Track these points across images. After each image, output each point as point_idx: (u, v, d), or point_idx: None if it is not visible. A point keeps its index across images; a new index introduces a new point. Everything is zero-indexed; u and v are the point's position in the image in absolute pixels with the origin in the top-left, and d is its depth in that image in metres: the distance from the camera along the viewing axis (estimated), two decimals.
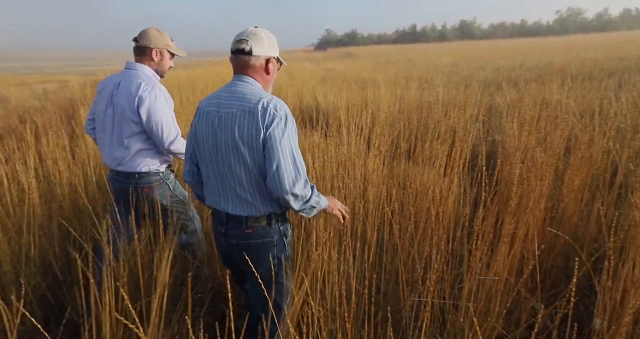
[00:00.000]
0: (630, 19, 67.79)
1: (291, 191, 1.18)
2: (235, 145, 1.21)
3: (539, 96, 5.18)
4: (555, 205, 2.11)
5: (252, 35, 1.26)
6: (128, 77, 1.72)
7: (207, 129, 1.27)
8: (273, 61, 1.32)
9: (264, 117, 1.18)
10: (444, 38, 66.09)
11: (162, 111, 1.68)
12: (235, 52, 1.27)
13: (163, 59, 1.79)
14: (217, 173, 1.28)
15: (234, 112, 1.22)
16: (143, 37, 1.74)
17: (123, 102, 1.68)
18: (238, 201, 1.27)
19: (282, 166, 1.17)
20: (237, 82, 1.28)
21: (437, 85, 7.28)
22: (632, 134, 3.00)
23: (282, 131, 1.18)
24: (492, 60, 14.06)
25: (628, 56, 9.65)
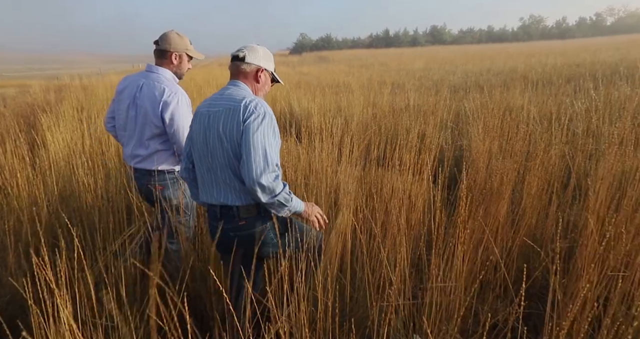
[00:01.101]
0: (585, 27, 72.30)
1: (257, 181, 1.25)
2: (220, 140, 1.33)
3: (504, 101, 5.42)
4: (516, 208, 2.22)
5: (249, 47, 1.45)
6: (151, 81, 1.81)
7: (200, 128, 1.40)
8: (265, 73, 1.48)
9: (244, 113, 1.30)
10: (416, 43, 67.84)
11: (183, 116, 1.78)
12: (232, 59, 1.45)
13: (182, 62, 1.89)
14: (210, 168, 1.39)
15: (220, 111, 1.35)
16: (164, 41, 1.83)
17: (147, 105, 1.78)
18: (229, 191, 1.37)
19: (252, 156, 1.26)
20: (230, 86, 1.44)
21: (409, 90, 7.46)
22: (585, 138, 3.20)
23: (257, 126, 1.29)
24: (462, 65, 14.57)
25: (583, 63, 10.26)
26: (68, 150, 3.28)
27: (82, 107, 6.08)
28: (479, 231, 1.71)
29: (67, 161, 3.15)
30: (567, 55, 14.33)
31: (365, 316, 1.47)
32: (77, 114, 5.06)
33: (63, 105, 5.72)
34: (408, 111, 5.34)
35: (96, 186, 2.52)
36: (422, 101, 6.05)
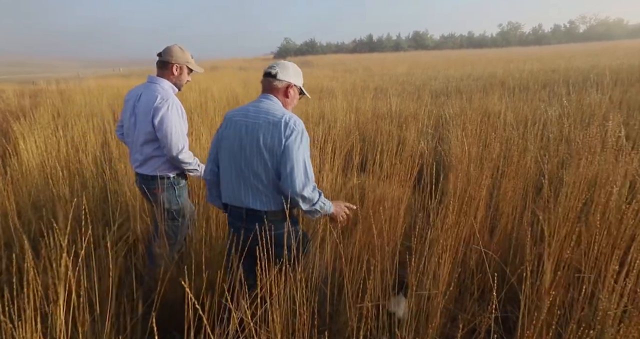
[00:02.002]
0: (560, 34, 75.17)
1: (301, 193, 1.42)
2: (259, 149, 1.45)
3: (483, 106, 5.57)
4: (494, 213, 2.28)
5: (281, 64, 1.59)
6: (149, 91, 1.94)
7: (234, 135, 1.51)
8: (294, 88, 1.60)
9: (285, 130, 1.44)
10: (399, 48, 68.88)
11: (172, 122, 1.88)
12: (265, 75, 1.58)
13: (182, 73, 2.01)
14: (240, 172, 1.50)
15: (260, 123, 1.47)
16: (167, 53, 1.97)
17: (141, 112, 1.92)
18: (258, 197, 1.49)
19: (295, 170, 1.41)
20: (263, 99, 1.56)
21: (392, 95, 7.56)
22: (558, 143, 3.32)
23: (298, 143, 1.44)
24: (443, 70, 14.87)
25: (558, 69, 10.64)
26: (42, 158, 3.18)
27: (59, 113, 5.92)
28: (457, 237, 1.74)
29: (42, 169, 3.06)
30: (543, 61, 14.83)
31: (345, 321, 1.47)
32: (53, 120, 4.92)
33: (38, 111, 5.55)
34: (390, 117, 5.43)
35: (72, 196, 2.46)
36: (404, 106, 6.15)
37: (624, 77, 7.21)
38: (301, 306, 1.18)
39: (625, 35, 67.27)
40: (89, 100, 7.20)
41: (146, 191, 1.99)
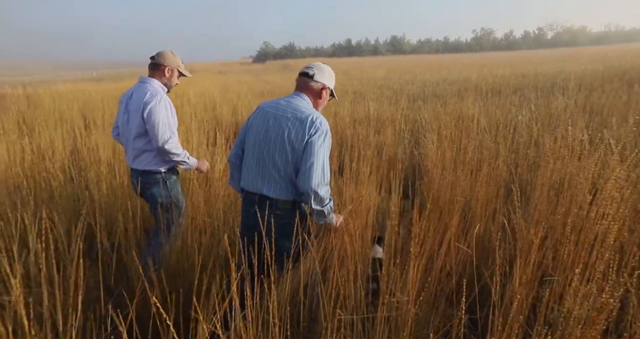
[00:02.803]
0: (530, 40, 78.61)
1: (314, 189, 1.46)
2: (282, 142, 1.51)
3: (457, 110, 5.71)
4: (467, 216, 2.33)
5: (317, 66, 1.66)
6: (139, 89, 2.06)
7: (262, 124, 1.58)
8: (327, 90, 1.66)
9: (311, 127, 1.49)
10: (377, 52, 70.00)
11: (160, 114, 1.97)
12: (301, 75, 1.64)
13: (172, 76, 2.14)
14: (261, 160, 1.57)
15: (288, 117, 1.53)
16: (159, 56, 2.10)
17: (133, 109, 2.03)
18: (274, 185, 1.55)
19: (314, 167, 1.47)
20: (296, 96, 1.62)
21: (370, 99, 7.65)
22: (527, 147, 3.44)
23: (321, 142, 1.49)
24: (420, 74, 15.20)
25: (527, 74, 11.07)
26: (4, 167, 3.03)
27: (24, 119, 5.66)
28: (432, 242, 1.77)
29: (4, 179, 2.91)
30: (514, 67, 15.40)
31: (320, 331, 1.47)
32: (19, 127, 4.70)
33: (1, 117, 5.28)
34: (368, 121, 5.49)
35: (36, 209, 2.35)
36: (382, 110, 6.23)
37: (588, 82, 7.58)
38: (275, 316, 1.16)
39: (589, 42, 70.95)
40: (58, 105, 6.92)
41: (139, 186, 2.09)
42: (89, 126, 5.07)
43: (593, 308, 1.10)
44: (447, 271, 1.82)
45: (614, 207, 1.48)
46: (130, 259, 2.03)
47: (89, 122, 5.33)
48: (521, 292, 1.26)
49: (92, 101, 7.82)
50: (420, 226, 1.47)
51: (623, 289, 1.15)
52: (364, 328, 1.40)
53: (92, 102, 7.72)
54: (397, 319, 1.36)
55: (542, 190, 2.05)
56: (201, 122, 4.80)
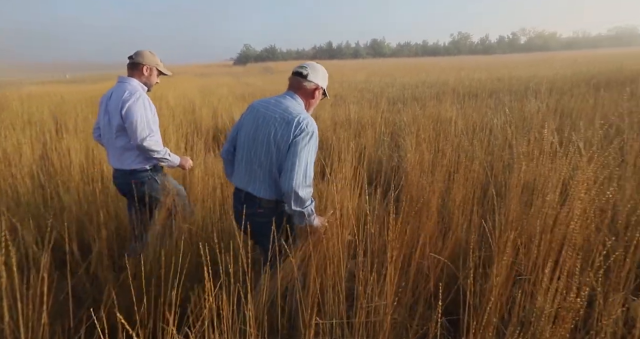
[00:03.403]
0: (504, 45, 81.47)
1: (295, 190, 1.46)
2: (268, 142, 1.53)
3: (436, 113, 5.83)
4: (445, 218, 2.37)
5: (311, 66, 1.65)
6: (118, 89, 2.06)
7: (252, 123, 1.60)
8: (320, 90, 1.66)
9: (296, 129, 1.49)
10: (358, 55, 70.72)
11: (139, 112, 1.98)
12: (295, 74, 1.64)
13: (152, 74, 2.15)
14: (249, 159, 1.60)
15: (276, 117, 1.54)
16: (138, 55, 2.11)
17: (112, 109, 2.03)
18: (259, 184, 1.58)
19: (296, 168, 1.47)
20: (288, 96, 1.62)
21: (350, 102, 7.70)
22: (503, 148, 3.54)
23: (305, 143, 1.49)
24: (400, 77, 15.43)
25: (502, 77, 11.43)
26: None
27: None
28: (410, 245, 1.79)
29: None
30: (490, 70, 15.86)
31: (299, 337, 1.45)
32: None
33: None
34: (349, 124, 5.52)
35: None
36: (362, 113, 6.28)
37: (559, 86, 7.89)
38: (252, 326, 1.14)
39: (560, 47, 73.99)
40: (27, 108, 6.64)
41: (125, 186, 2.09)
42: (60, 129, 4.88)
43: (562, 307, 1.14)
44: (425, 274, 1.85)
45: (582, 207, 1.54)
46: (103, 268, 1.96)
47: (60, 126, 5.13)
48: (495, 293, 1.28)
49: (64, 104, 7.54)
50: (397, 230, 1.48)
51: (589, 288, 1.19)
52: (342, 333, 1.39)
53: (65, 105, 7.45)
54: (376, 323, 1.36)
55: (515, 191, 2.10)
56: (179, 125, 4.70)
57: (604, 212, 1.72)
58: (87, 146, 3.75)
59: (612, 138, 2.93)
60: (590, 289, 1.25)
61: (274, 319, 1.49)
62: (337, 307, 1.41)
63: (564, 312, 1.11)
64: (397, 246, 1.38)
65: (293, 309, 1.55)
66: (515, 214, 1.81)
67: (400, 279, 1.54)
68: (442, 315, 1.67)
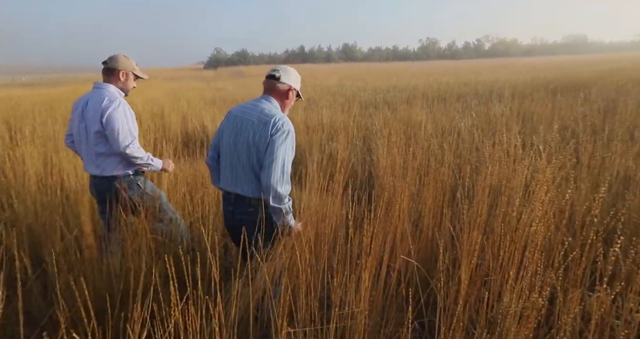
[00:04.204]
0: (470, 50, 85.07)
1: (274, 186, 1.56)
2: (248, 144, 1.62)
3: (406, 117, 5.96)
4: (416, 220, 2.41)
5: (283, 69, 1.74)
6: (95, 95, 2.04)
7: (232, 128, 1.69)
8: (293, 91, 1.76)
9: (272, 128, 1.59)
10: (330, 59, 71.38)
11: (120, 119, 1.98)
12: (268, 77, 1.73)
13: (128, 79, 2.13)
14: (233, 162, 1.69)
15: (253, 121, 1.64)
16: (112, 61, 2.08)
17: (90, 116, 2.00)
18: (246, 185, 1.67)
19: (273, 165, 1.57)
20: (263, 100, 1.71)
21: (323, 106, 7.74)
22: (470, 151, 3.68)
23: (282, 141, 1.59)
24: (372, 81, 15.69)
25: (469, 82, 11.89)
26: None
27: None
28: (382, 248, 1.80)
29: None
30: (457, 75, 16.45)
31: None
32: None
33: None
34: (322, 128, 5.54)
35: None
36: (335, 117, 6.33)
37: (520, 91, 8.30)
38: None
39: (520, 53, 78.14)
40: None
41: (104, 193, 2.06)
42: (14, 136, 4.58)
43: (525, 307, 1.18)
44: (398, 278, 1.87)
45: (542, 209, 1.61)
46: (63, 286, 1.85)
47: (14, 133, 4.82)
48: (463, 295, 1.32)
49: (19, 109, 7.11)
50: (370, 235, 1.49)
51: (550, 286, 1.25)
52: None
53: (20, 109, 7.01)
54: (350, 329, 1.36)
55: (482, 193, 2.18)
56: (147, 131, 4.54)
57: (563, 212, 1.81)
58: (46, 153, 3.54)
59: (569, 140, 3.11)
60: (552, 287, 1.31)
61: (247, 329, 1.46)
62: (310, 315, 1.40)
63: (528, 311, 1.15)
64: (370, 252, 1.39)
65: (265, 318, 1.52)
66: (482, 216, 1.87)
67: (373, 283, 1.55)
68: (414, 318, 1.70)
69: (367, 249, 1.37)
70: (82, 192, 2.78)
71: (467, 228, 1.86)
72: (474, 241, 1.53)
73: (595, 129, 4.20)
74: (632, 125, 4.27)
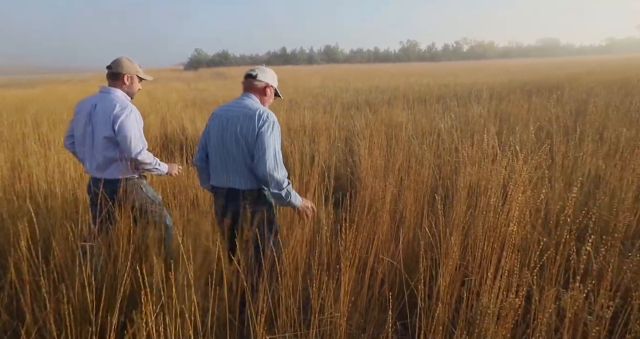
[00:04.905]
0: (449, 52, 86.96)
1: (270, 173, 1.65)
2: (237, 138, 1.72)
3: (388, 118, 6.02)
4: (398, 221, 2.43)
5: (260, 69, 1.88)
6: (104, 100, 2.08)
7: (219, 127, 1.78)
8: (271, 88, 1.88)
9: (258, 121, 1.69)
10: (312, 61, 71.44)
11: (132, 127, 2.03)
12: (246, 77, 1.86)
13: (133, 82, 2.17)
14: (224, 158, 1.77)
15: (238, 116, 1.74)
16: (116, 65, 2.12)
17: (100, 120, 2.04)
18: (239, 178, 1.75)
19: (266, 154, 1.66)
20: (245, 97, 1.83)
21: (305, 108, 7.72)
22: (450, 152, 3.74)
23: (270, 131, 1.69)
24: (353, 82, 15.78)
25: (448, 84, 12.13)
26: None
27: None
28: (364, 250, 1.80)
29: None
30: (437, 77, 16.76)
31: None
32: None
33: None
34: (304, 130, 5.52)
35: None
36: (317, 119, 6.32)
37: (497, 92, 8.52)
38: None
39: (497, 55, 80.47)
40: None
41: (108, 195, 2.07)
42: None
43: (503, 307, 1.20)
44: (380, 279, 1.87)
45: (519, 210, 1.65)
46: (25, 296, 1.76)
47: None
48: (443, 296, 1.33)
49: None
50: (350, 238, 1.49)
51: (527, 286, 1.28)
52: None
53: None
54: (331, 332, 1.35)
55: (461, 194, 2.21)
56: None
57: (538, 211, 1.86)
58: (14, 157, 3.39)
59: (544, 141, 3.21)
60: (528, 286, 1.34)
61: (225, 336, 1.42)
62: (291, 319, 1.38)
63: (505, 311, 1.17)
64: (350, 256, 1.38)
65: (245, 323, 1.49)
66: (461, 217, 1.89)
67: (355, 285, 1.55)
68: (397, 319, 1.71)
69: (346, 253, 1.36)
70: (53, 197, 2.67)
71: (446, 229, 1.89)
72: (453, 242, 1.54)
73: (568, 130, 4.35)
74: (601, 126, 4.45)
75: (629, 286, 1.53)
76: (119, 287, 1.41)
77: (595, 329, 1.21)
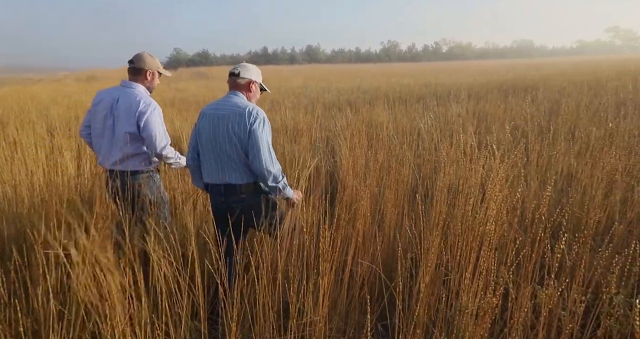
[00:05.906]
0: (429, 53, 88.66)
1: (267, 169, 1.73)
2: (229, 135, 1.76)
3: (369, 118, 6.05)
4: (379, 221, 2.43)
5: (242, 65, 1.92)
6: (127, 95, 2.10)
7: (209, 125, 1.82)
8: (255, 84, 1.93)
9: (249, 118, 1.75)
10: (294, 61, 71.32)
11: (156, 123, 2.09)
12: (230, 75, 1.90)
13: (154, 79, 2.23)
14: (217, 155, 1.82)
15: (229, 114, 1.78)
16: (139, 60, 2.16)
17: (122, 115, 2.06)
18: (234, 173, 1.81)
19: (260, 150, 1.73)
20: (231, 95, 1.88)
21: (287, 108, 7.67)
22: (429, 151, 3.78)
23: (261, 128, 1.75)
24: (335, 82, 15.82)
25: (428, 84, 12.32)
26: None
27: None
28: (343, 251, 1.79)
29: None
30: (417, 77, 17.00)
31: None
32: None
33: None
34: (285, 130, 5.48)
35: None
36: (298, 119, 6.29)
37: (475, 92, 8.71)
38: None
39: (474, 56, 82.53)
40: None
41: (127, 187, 2.09)
42: None
43: (481, 306, 1.21)
44: (361, 281, 1.87)
45: (496, 208, 1.67)
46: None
47: None
48: (423, 296, 1.33)
49: None
50: (330, 240, 1.47)
51: (504, 283, 1.29)
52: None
53: None
54: (311, 336, 1.33)
55: (441, 193, 2.23)
56: None
57: (515, 210, 1.89)
58: None
59: (519, 140, 3.29)
60: (505, 284, 1.36)
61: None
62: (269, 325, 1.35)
63: (483, 311, 1.18)
64: (328, 259, 1.36)
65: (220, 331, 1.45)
66: (440, 216, 1.91)
67: (335, 287, 1.53)
68: (378, 320, 1.70)
69: (325, 256, 1.35)
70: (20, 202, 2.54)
71: (426, 229, 1.90)
72: (432, 241, 1.55)
73: (542, 129, 4.48)
74: (573, 125, 4.60)
75: (599, 281, 1.57)
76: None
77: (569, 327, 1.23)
